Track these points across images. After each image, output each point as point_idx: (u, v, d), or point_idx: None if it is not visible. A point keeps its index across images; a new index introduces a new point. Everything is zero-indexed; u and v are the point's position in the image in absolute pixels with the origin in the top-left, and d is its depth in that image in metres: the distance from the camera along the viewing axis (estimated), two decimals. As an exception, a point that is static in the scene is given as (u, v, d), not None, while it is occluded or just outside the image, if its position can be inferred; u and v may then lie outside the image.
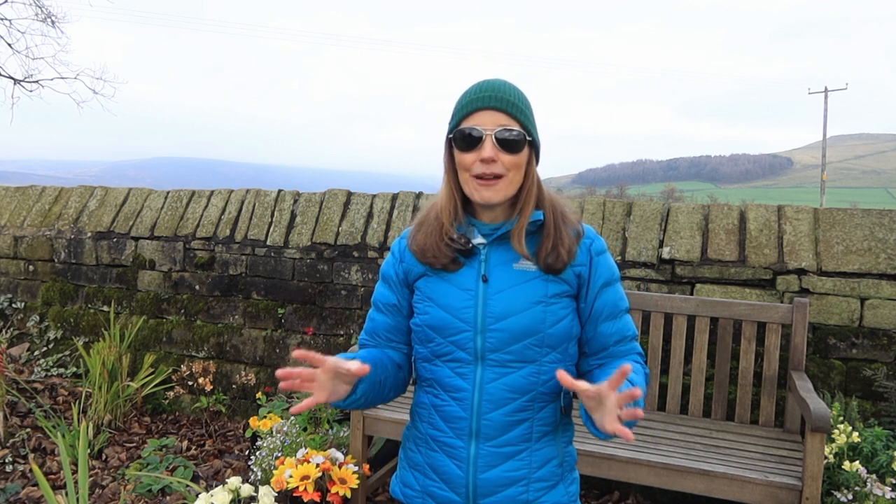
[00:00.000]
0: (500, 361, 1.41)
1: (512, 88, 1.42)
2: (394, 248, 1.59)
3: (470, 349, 1.42)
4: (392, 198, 4.35)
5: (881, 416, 3.14)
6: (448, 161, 1.46)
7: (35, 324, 5.06)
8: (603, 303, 1.46)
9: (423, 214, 1.53)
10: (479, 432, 1.42)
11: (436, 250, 1.45)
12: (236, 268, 4.53)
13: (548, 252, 1.42)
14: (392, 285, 1.56)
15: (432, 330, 1.46)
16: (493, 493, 1.43)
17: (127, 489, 3.34)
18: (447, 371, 1.45)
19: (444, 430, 1.45)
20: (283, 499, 2.81)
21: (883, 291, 3.24)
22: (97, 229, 4.99)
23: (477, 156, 1.38)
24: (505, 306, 1.41)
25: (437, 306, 1.45)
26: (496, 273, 1.43)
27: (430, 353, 1.47)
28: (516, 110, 1.40)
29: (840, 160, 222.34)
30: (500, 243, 1.45)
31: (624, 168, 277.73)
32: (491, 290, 1.42)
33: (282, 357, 4.36)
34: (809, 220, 3.46)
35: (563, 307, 1.44)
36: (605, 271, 1.47)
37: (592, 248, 1.47)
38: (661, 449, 2.80)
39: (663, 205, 3.79)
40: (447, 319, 1.44)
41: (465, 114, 1.41)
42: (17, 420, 4.11)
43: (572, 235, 1.45)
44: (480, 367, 1.42)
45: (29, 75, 12.66)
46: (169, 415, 4.47)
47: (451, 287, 1.45)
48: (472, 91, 1.42)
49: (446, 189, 1.47)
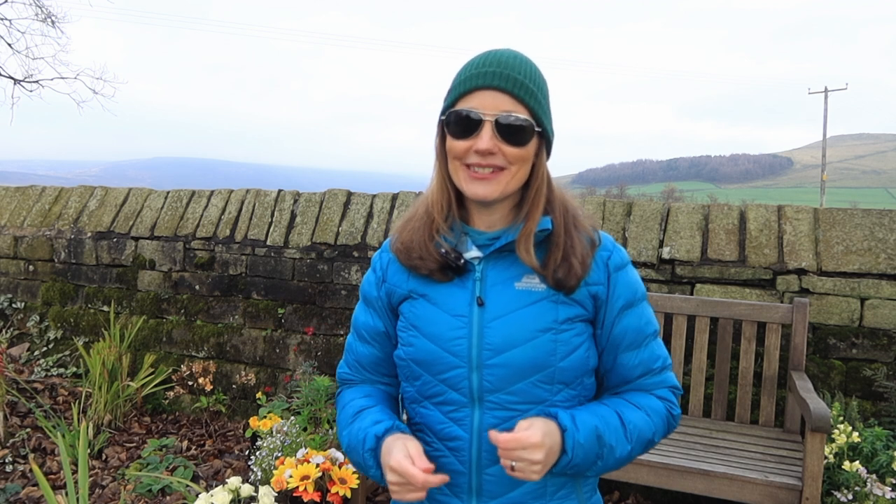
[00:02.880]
0: (501, 404, 1.16)
1: (523, 63, 1.15)
2: (374, 262, 1.32)
3: (464, 389, 1.17)
4: (392, 198, 4.35)
5: (881, 416, 3.14)
6: (440, 147, 1.21)
7: (35, 324, 5.06)
8: (623, 329, 1.20)
9: (411, 210, 1.28)
10: (480, 489, 1.18)
11: (422, 250, 1.20)
12: (236, 268, 4.53)
13: (557, 264, 1.15)
14: (376, 309, 1.30)
15: (418, 365, 1.20)
16: None
17: (127, 489, 3.34)
18: (439, 415, 1.20)
19: (439, 487, 1.17)
20: (283, 499, 2.81)
21: (883, 291, 3.24)
22: (97, 229, 4.99)
23: (471, 144, 1.13)
24: (505, 336, 1.15)
25: (424, 336, 1.19)
26: (494, 294, 1.18)
27: (417, 392, 1.23)
28: (525, 92, 1.13)
29: (840, 160, 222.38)
30: (500, 257, 1.19)
31: (624, 168, 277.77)
32: (488, 315, 1.17)
33: (282, 357, 4.36)
34: (809, 220, 3.46)
35: (577, 334, 1.18)
36: (624, 291, 1.20)
37: (611, 263, 1.21)
38: (661, 449, 2.80)
39: (663, 205, 3.79)
40: (435, 353, 1.18)
41: (462, 91, 1.15)
42: (17, 420, 4.11)
43: (586, 244, 1.19)
44: (478, 411, 1.17)
45: (29, 75, 12.66)
46: (169, 415, 4.47)
47: (440, 313, 1.19)
48: (474, 63, 1.16)
49: (438, 180, 1.22)
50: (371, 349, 1.31)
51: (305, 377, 3.57)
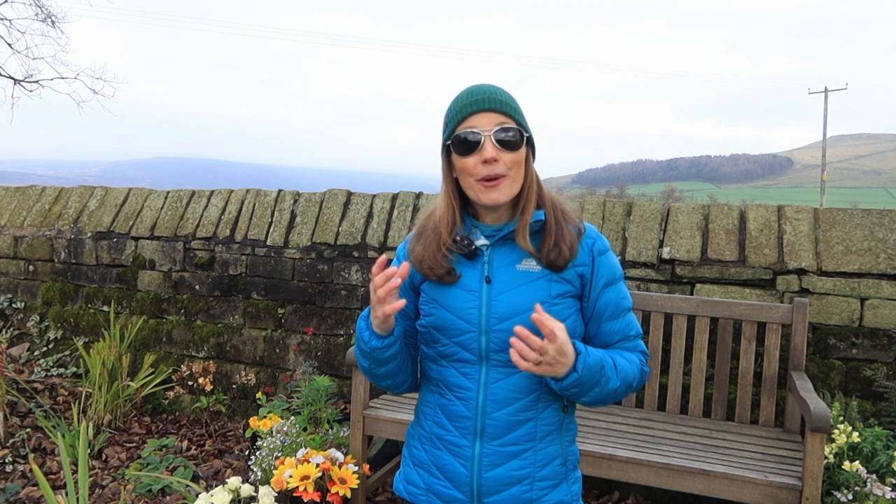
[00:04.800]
0: (504, 362, 1.42)
1: (501, 90, 1.44)
2: (399, 252, 1.60)
3: (474, 350, 1.44)
4: (392, 198, 4.35)
5: (881, 416, 3.14)
6: (446, 170, 1.48)
7: (35, 324, 5.06)
8: (605, 302, 1.47)
9: (421, 223, 1.54)
10: (483, 431, 1.44)
11: (432, 261, 1.46)
12: (236, 268, 4.53)
13: (550, 248, 1.42)
14: (401, 289, 1.53)
15: (437, 331, 1.48)
16: (498, 492, 1.45)
17: (127, 489, 3.34)
18: (452, 371, 1.47)
19: (450, 429, 1.47)
20: (283, 499, 2.81)
21: (883, 291, 3.24)
22: (97, 229, 4.99)
23: (478, 158, 1.39)
24: (508, 307, 1.42)
25: (442, 308, 1.47)
26: (500, 274, 1.44)
27: (435, 353, 1.50)
28: (510, 109, 1.41)
29: (840, 160, 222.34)
30: (504, 244, 1.46)
31: (624, 168, 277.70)
32: (494, 291, 1.43)
33: (282, 357, 4.36)
34: (809, 220, 3.46)
35: (567, 307, 1.45)
36: (606, 271, 1.48)
37: (595, 248, 1.48)
38: (661, 449, 2.80)
39: (663, 205, 3.79)
40: (452, 320, 1.45)
41: (460, 119, 1.42)
42: (17, 420, 4.11)
43: (573, 232, 1.46)
44: (485, 368, 1.44)
45: (29, 75, 12.65)
46: (169, 415, 4.47)
47: (456, 289, 1.46)
48: (464, 97, 1.43)
49: (444, 199, 1.48)
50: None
51: (305, 377, 3.57)
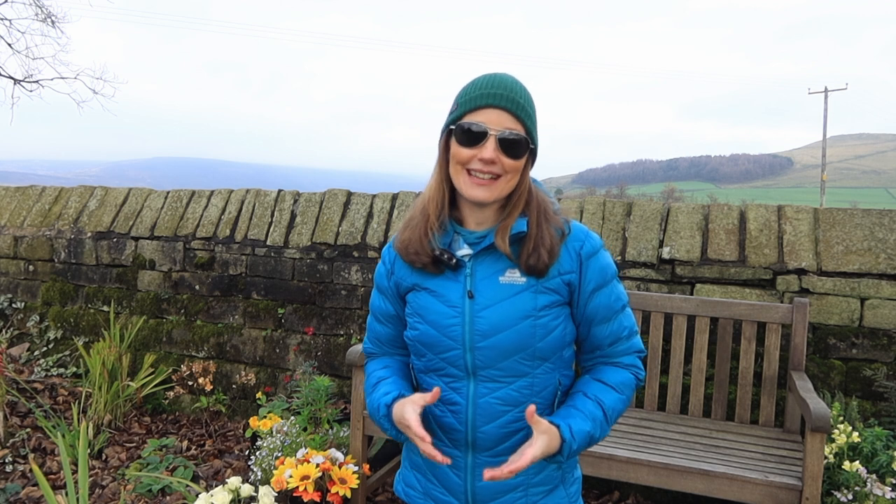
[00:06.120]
0: (491, 377, 1.39)
1: (521, 88, 1.37)
2: (384, 256, 1.55)
3: (461, 365, 1.40)
4: (392, 198, 4.35)
5: (881, 416, 3.14)
6: (443, 151, 1.40)
7: (35, 324, 5.06)
8: (595, 307, 1.42)
9: (411, 212, 1.48)
10: (475, 443, 1.42)
11: (418, 245, 1.41)
12: (236, 268, 4.53)
13: (529, 253, 1.36)
14: (387, 296, 1.54)
15: (423, 346, 1.44)
16: (492, 500, 1.44)
17: (127, 489, 3.34)
18: (441, 385, 1.44)
19: (442, 439, 1.45)
20: (283, 499, 2.81)
21: (883, 291, 3.24)
22: (97, 229, 4.99)
23: (476, 153, 1.33)
24: (492, 323, 1.37)
25: (426, 323, 1.43)
26: (482, 287, 1.39)
27: (424, 366, 1.47)
28: (524, 113, 1.35)
29: (840, 160, 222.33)
30: (487, 254, 1.40)
31: (624, 168, 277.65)
32: (477, 306, 1.38)
33: (282, 357, 4.36)
34: (809, 220, 3.46)
35: (555, 317, 1.39)
36: (595, 275, 1.41)
37: (583, 252, 1.40)
38: (661, 449, 2.80)
39: (663, 205, 3.79)
40: (436, 337, 1.41)
41: (471, 107, 1.34)
42: (17, 420, 4.11)
43: (555, 235, 1.39)
44: (473, 383, 1.41)
45: (29, 75, 12.66)
46: (169, 415, 4.47)
47: (438, 303, 1.41)
48: (481, 84, 1.35)
49: (436, 180, 1.42)
50: (386, 328, 1.56)
51: (305, 377, 3.57)
